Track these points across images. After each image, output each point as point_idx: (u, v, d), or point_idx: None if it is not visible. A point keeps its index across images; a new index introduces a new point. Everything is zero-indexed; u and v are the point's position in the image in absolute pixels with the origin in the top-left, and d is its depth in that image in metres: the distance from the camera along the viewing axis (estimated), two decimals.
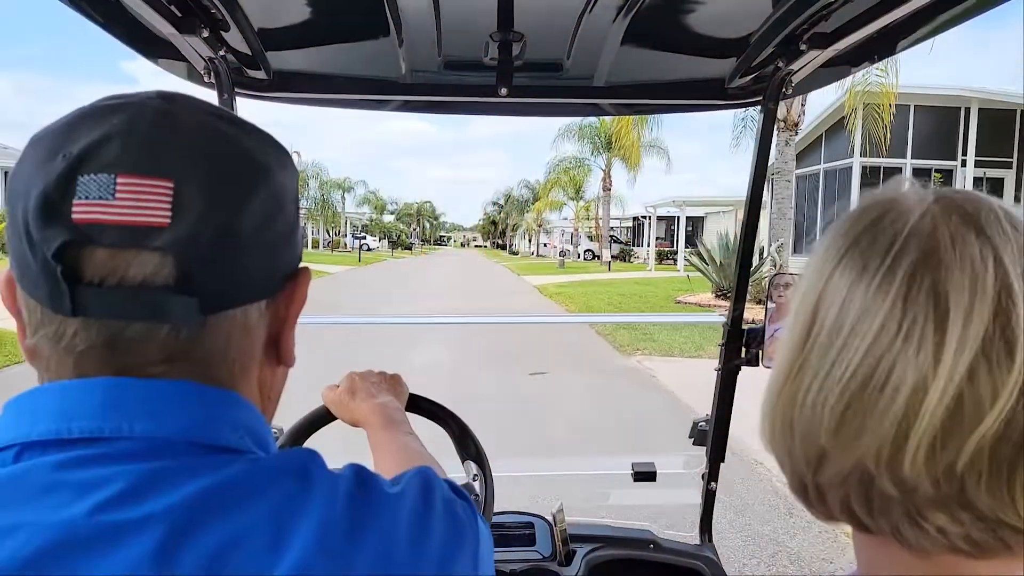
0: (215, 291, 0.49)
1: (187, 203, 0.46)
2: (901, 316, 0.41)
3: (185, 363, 0.49)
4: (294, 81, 1.52)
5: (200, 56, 1.30)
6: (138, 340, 0.48)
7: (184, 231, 0.46)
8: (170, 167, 0.47)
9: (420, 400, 1.28)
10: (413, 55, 1.41)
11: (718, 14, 1.25)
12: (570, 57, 1.41)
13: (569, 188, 44.43)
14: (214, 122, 0.51)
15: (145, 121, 0.48)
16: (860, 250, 0.45)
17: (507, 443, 5.07)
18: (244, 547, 0.44)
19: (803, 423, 0.46)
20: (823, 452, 0.45)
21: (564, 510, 1.66)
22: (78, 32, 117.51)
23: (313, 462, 0.52)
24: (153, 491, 0.44)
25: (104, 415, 0.47)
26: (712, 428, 1.78)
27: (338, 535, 0.47)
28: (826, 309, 0.45)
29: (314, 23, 1.28)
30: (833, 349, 0.44)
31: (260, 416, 0.55)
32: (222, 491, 0.46)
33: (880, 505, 0.44)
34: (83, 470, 0.45)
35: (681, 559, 1.76)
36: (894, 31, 1.19)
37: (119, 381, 0.48)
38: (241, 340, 0.53)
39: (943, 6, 1.07)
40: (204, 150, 0.49)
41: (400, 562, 0.49)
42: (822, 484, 0.46)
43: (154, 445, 0.47)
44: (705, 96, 1.61)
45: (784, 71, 1.40)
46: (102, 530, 0.42)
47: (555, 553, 1.65)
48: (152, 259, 0.46)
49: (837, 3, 1.13)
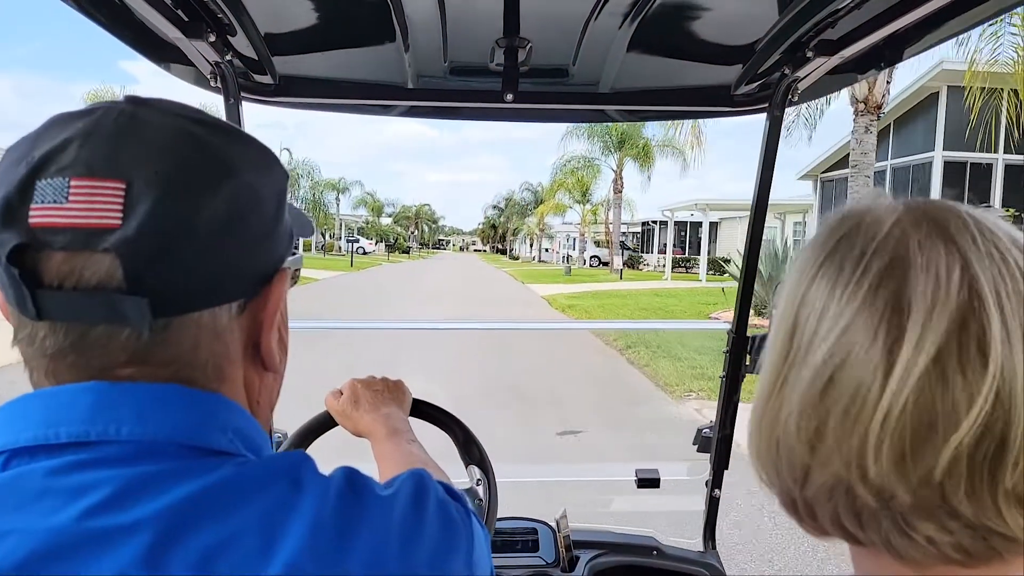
0: (169, 292, 0.48)
1: (138, 203, 0.46)
2: (865, 323, 0.41)
3: (151, 366, 0.49)
4: (300, 86, 1.53)
5: (207, 60, 1.30)
6: (102, 343, 0.47)
7: (132, 231, 0.45)
8: (124, 168, 0.46)
9: (423, 405, 1.27)
10: (419, 60, 1.41)
11: (724, 21, 1.24)
12: (576, 63, 1.41)
13: (575, 191, 41.67)
14: (180, 123, 0.50)
15: (106, 124, 0.48)
16: (834, 262, 0.45)
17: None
18: (234, 550, 0.44)
19: (786, 438, 0.46)
20: (807, 467, 0.45)
21: (567, 516, 1.66)
22: (77, 32, 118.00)
23: (304, 465, 0.52)
24: (142, 495, 0.44)
25: (91, 419, 0.47)
26: (716, 435, 1.77)
27: (329, 537, 0.47)
28: (804, 322, 0.45)
29: (321, 28, 1.29)
30: (808, 361, 0.44)
31: (251, 419, 0.55)
32: (211, 495, 0.46)
33: (868, 517, 0.43)
34: (71, 475, 0.45)
35: (684, 566, 1.75)
36: (901, 38, 1.19)
37: (106, 385, 0.48)
38: (212, 343, 0.52)
39: (950, 12, 1.06)
40: (164, 150, 0.48)
41: (391, 563, 0.49)
42: (810, 499, 0.46)
43: (141, 448, 0.47)
44: (710, 103, 1.60)
45: (790, 78, 1.40)
46: (91, 535, 0.42)
47: (558, 559, 1.65)
48: (104, 261, 0.45)
49: (843, 10, 1.12)
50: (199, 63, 1.32)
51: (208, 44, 1.18)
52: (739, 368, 1.68)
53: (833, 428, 0.43)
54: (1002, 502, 0.39)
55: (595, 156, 37.03)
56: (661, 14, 1.18)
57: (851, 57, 1.26)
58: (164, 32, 1.14)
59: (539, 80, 1.51)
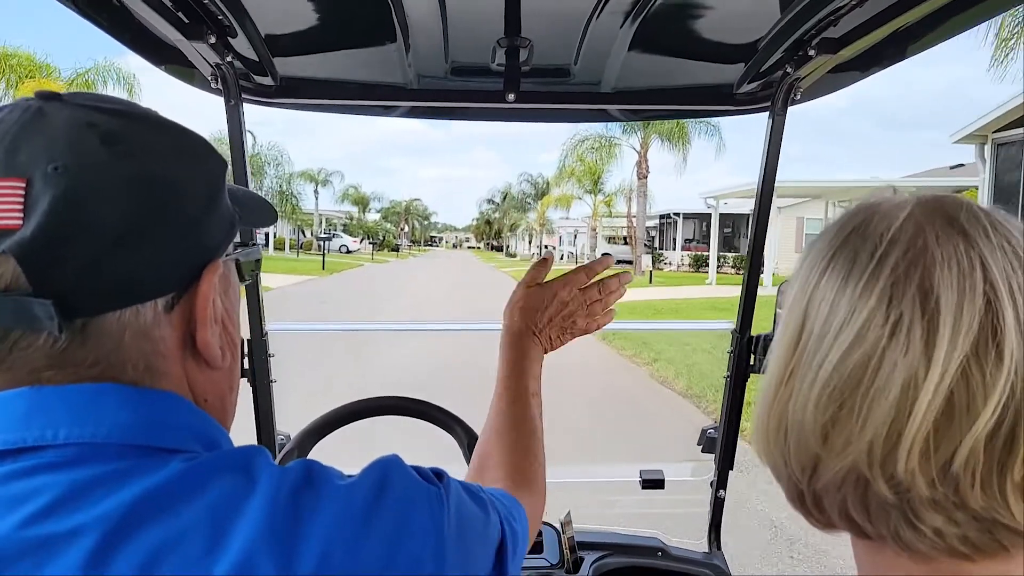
0: (77, 293, 0.46)
1: (37, 202, 0.44)
2: (886, 316, 0.42)
3: (72, 368, 0.48)
4: (301, 87, 1.52)
5: (207, 62, 1.30)
6: (22, 347, 0.46)
7: (29, 233, 0.44)
8: (25, 165, 0.45)
9: (427, 407, 1.27)
10: (420, 61, 1.41)
11: (726, 19, 1.24)
12: (577, 63, 1.40)
13: (585, 179, 35.24)
14: (87, 115, 0.49)
15: (11, 123, 0.47)
16: (845, 255, 0.45)
17: None
18: (180, 549, 0.43)
19: (795, 430, 0.46)
20: (817, 458, 0.45)
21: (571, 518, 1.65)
22: (66, 31, 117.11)
23: (257, 457, 0.50)
24: (84, 499, 0.43)
25: (27, 425, 0.45)
26: (721, 436, 1.77)
27: (282, 529, 0.45)
28: (814, 315, 0.46)
29: (321, 29, 1.28)
30: (820, 353, 0.44)
31: (202, 414, 0.53)
32: (157, 493, 0.44)
33: (877, 509, 0.44)
34: (10, 484, 0.44)
35: (689, 567, 1.75)
36: (903, 36, 1.18)
37: (41, 389, 0.47)
38: (138, 342, 0.50)
39: (953, 10, 1.06)
40: (65, 145, 0.46)
41: (347, 553, 0.46)
42: (818, 491, 0.46)
43: (82, 451, 0.45)
44: (712, 102, 1.60)
45: (792, 77, 1.39)
46: (32, 543, 0.41)
47: (563, 560, 1.64)
48: (9, 263, 0.44)
49: (845, 8, 1.12)
50: (200, 65, 1.32)
51: (208, 46, 1.17)
52: (744, 368, 1.67)
53: (852, 422, 0.43)
54: (1010, 494, 0.40)
55: (614, 135, 30.82)
56: (663, 13, 1.18)
57: (853, 55, 1.25)
58: (164, 34, 1.14)
59: (540, 80, 1.51)
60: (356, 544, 0.47)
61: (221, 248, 0.56)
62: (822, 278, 0.46)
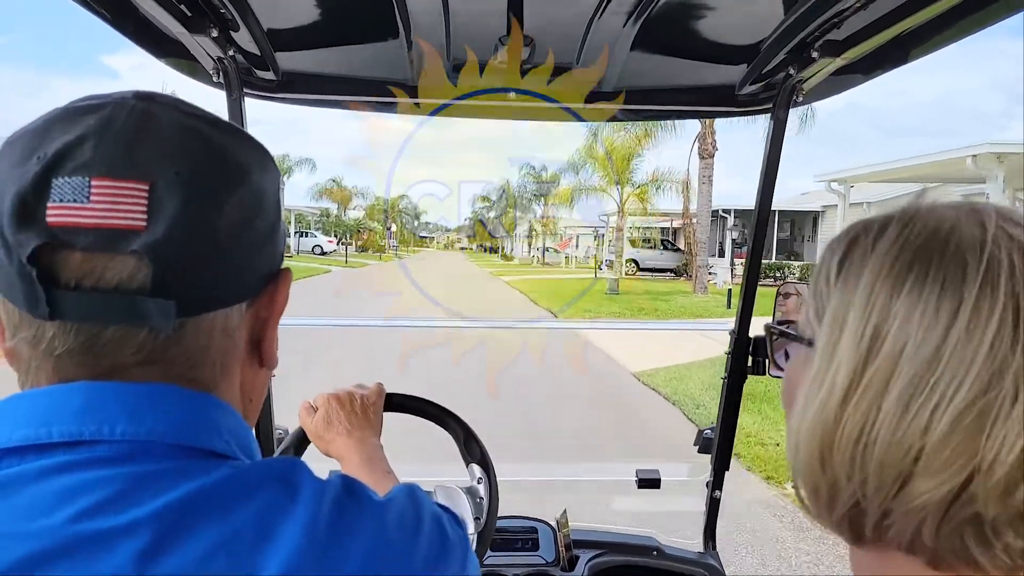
0: (193, 293, 0.48)
1: (163, 205, 0.46)
2: (1013, 336, 0.41)
3: (164, 365, 0.49)
4: (303, 82, 1.52)
5: (209, 56, 1.30)
6: (116, 343, 0.47)
7: (160, 234, 0.45)
8: (146, 168, 0.46)
9: (423, 403, 1.27)
10: (421, 58, 1.41)
11: (729, 20, 1.24)
12: (579, 61, 1.40)
13: (608, 170, 26.10)
14: (191, 121, 0.51)
15: (120, 121, 0.48)
16: (927, 270, 0.44)
17: None
18: (230, 550, 0.44)
19: (883, 448, 0.44)
20: (909, 477, 0.43)
21: (568, 515, 1.66)
22: (55, 24, 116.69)
23: (297, 469, 0.52)
24: (138, 497, 0.44)
25: (84, 419, 0.46)
26: (717, 437, 1.77)
27: (324, 539, 0.47)
28: (897, 332, 0.44)
29: (324, 24, 1.28)
30: (928, 373, 0.42)
31: (242, 421, 0.55)
32: (208, 496, 0.45)
33: (951, 529, 0.43)
34: (63, 476, 0.44)
35: (684, 566, 1.75)
36: (906, 39, 1.18)
37: (98, 385, 0.47)
38: (222, 342, 0.52)
39: (956, 15, 1.06)
40: (181, 151, 0.48)
41: (390, 563, 0.49)
42: (891, 509, 0.44)
43: (135, 448, 0.46)
44: (715, 103, 1.60)
45: (795, 78, 1.39)
46: (85, 537, 0.42)
47: (558, 559, 1.65)
48: (128, 262, 0.45)
49: (849, 11, 1.12)
50: (201, 58, 1.32)
51: (211, 39, 1.17)
52: (742, 369, 1.67)
53: (973, 441, 0.41)
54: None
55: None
56: (665, 13, 1.18)
57: (856, 58, 1.25)
58: (167, 27, 1.14)
59: (542, 78, 1.51)
60: (399, 554, 0.50)
61: (284, 254, 0.60)
62: (898, 293, 0.44)
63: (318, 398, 1.14)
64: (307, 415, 1.13)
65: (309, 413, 1.13)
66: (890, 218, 0.48)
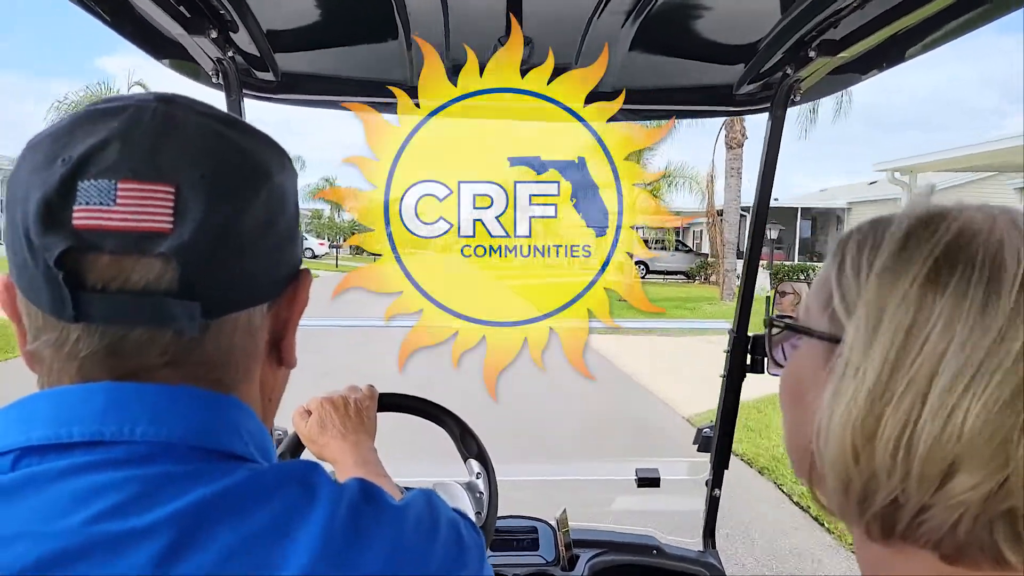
0: (218, 295, 0.48)
1: (189, 207, 0.46)
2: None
3: (188, 366, 0.49)
4: (302, 83, 1.52)
5: (209, 57, 1.30)
6: (141, 344, 0.47)
7: (187, 236, 0.45)
8: (171, 171, 0.46)
9: (416, 401, 1.27)
10: (421, 57, 1.41)
11: (727, 20, 1.24)
12: (578, 61, 1.41)
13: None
14: (213, 124, 0.51)
15: (144, 124, 0.48)
16: (955, 274, 0.44)
17: None
18: (248, 553, 0.44)
19: (929, 443, 0.44)
20: (952, 472, 0.43)
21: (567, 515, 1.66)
22: (50, 27, 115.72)
23: (315, 472, 0.52)
24: (157, 498, 0.44)
25: (104, 419, 0.46)
26: (716, 435, 1.77)
27: (342, 541, 0.47)
28: (945, 330, 0.44)
29: (323, 25, 1.29)
30: (971, 371, 0.43)
31: (260, 423, 0.55)
32: (229, 496, 0.45)
33: (982, 524, 0.43)
34: (83, 477, 0.44)
35: (684, 565, 1.75)
36: (903, 38, 1.18)
37: (120, 385, 0.47)
38: (245, 342, 0.52)
39: (952, 14, 1.06)
40: (204, 153, 0.49)
41: (408, 566, 0.49)
42: (935, 505, 0.44)
43: (154, 450, 0.46)
44: (712, 102, 1.60)
45: (792, 78, 1.40)
46: (104, 538, 0.42)
47: (558, 558, 1.65)
48: (155, 265, 0.45)
49: (846, 10, 1.12)
50: (201, 60, 1.32)
51: (210, 41, 1.18)
52: (741, 368, 1.67)
53: (1006, 436, 0.42)
54: None
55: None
56: (664, 13, 1.18)
57: (853, 57, 1.25)
58: (166, 28, 1.14)
59: (541, 78, 1.51)
60: (417, 557, 0.50)
61: (302, 254, 0.60)
62: (942, 292, 0.45)
63: (311, 402, 1.13)
64: (300, 420, 1.12)
65: (303, 417, 1.12)
66: (914, 216, 0.48)
